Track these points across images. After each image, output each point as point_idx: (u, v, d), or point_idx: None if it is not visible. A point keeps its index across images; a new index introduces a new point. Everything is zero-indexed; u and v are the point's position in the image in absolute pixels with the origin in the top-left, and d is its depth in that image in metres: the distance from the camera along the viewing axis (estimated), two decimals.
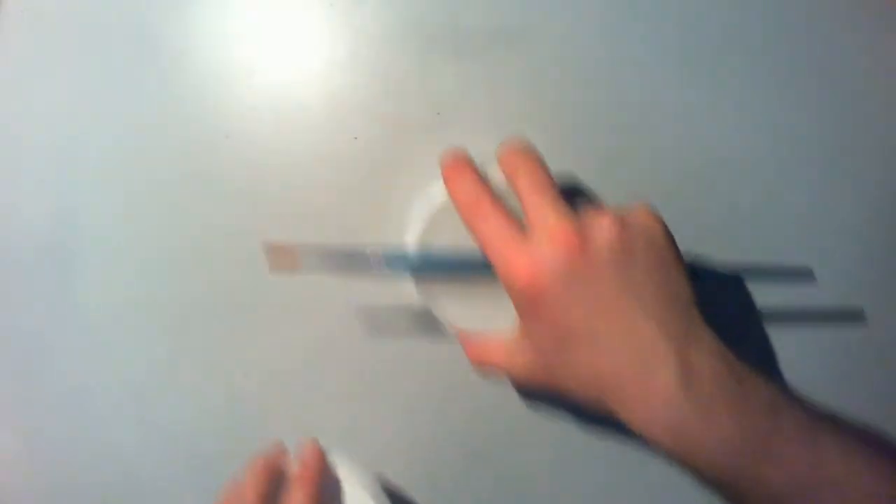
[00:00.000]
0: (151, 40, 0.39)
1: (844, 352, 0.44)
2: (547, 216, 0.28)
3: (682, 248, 0.41)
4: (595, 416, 0.31)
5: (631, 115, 0.40)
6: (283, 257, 0.32)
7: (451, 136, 0.39)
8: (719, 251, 0.40)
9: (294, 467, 0.35)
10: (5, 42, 0.39)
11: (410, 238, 0.34)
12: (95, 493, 0.35)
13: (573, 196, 0.39)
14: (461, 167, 0.30)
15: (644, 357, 0.27)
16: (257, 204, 0.39)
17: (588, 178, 0.38)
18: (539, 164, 0.30)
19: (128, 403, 0.41)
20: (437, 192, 0.34)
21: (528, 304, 0.28)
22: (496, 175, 0.31)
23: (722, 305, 0.34)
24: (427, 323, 0.40)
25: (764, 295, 0.41)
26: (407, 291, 0.34)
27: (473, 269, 0.31)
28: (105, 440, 0.37)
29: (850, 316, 0.42)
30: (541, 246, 0.27)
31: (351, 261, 0.32)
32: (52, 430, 0.42)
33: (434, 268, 0.32)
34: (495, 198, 0.29)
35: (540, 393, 0.37)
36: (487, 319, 0.32)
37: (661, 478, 0.43)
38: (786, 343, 0.43)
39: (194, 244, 0.41)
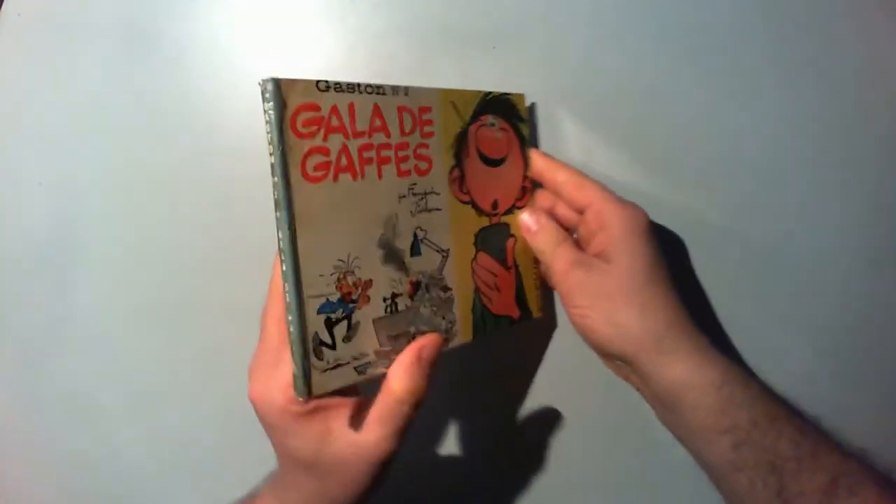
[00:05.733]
0: (151, 42, 0.39)
1: (845, 351, 0.43)
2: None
3: (683, 244, 0.41)
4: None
5: (630, 111, 0.40)
6: None
7: None
8: (720, 247, 0.40)
9: None
10: (5, 44, 0.39)
11: None
12: (96, 492, 0.35)
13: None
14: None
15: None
16: (256, 204, 0.39)
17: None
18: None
19: (128, 404, 0.41)
20: None
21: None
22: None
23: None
24: None
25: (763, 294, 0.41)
26: None
27: None
28: (105, 440, 0.37)
29: None
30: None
31: None
32: (52, 430, 0.42)
33: None
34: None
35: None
36: None
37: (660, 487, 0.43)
38: (784, 342, 0.43)
39: (193, 245, 0.41)
